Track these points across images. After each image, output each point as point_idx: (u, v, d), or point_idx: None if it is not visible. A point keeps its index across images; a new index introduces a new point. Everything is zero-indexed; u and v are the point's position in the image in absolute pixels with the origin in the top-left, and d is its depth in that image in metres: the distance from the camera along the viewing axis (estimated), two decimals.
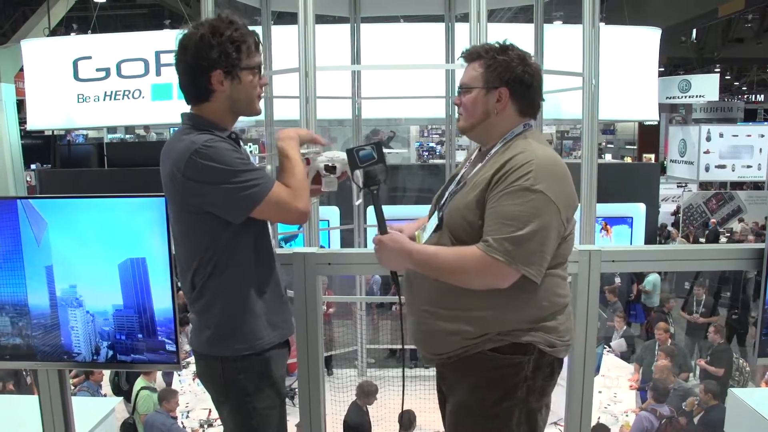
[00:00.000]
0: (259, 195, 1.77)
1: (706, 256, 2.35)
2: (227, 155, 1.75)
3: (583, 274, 2.20)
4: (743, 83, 26.64)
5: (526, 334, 1.76)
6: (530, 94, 1.85)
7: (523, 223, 1.67)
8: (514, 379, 1.77)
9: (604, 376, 6.30)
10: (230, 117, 1.89)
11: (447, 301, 1.79)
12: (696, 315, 7.89)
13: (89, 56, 10.35)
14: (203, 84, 1.81)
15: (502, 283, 1.70)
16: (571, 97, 5.07)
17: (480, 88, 1.83)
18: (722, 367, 6.43)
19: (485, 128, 1.86)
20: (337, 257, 2.29)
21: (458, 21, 6.64)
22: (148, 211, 1.95)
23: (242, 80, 1.82)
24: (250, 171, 1.77)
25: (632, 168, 13.76)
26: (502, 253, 1.66)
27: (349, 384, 5.83)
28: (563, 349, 1.83)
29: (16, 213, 1.98)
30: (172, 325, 2.04)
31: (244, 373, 1.88)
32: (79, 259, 1.99)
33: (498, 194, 1.71)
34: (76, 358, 2.10)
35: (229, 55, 1.78)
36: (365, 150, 1.86)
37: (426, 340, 1.87)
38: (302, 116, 4.83)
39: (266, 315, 1.91)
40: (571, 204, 1.76)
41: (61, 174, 10.80)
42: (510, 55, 1.81)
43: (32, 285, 2.02)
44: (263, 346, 1.90)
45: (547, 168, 1.72)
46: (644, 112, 11.37)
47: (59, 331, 2.06)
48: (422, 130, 18.58)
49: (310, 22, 4.79)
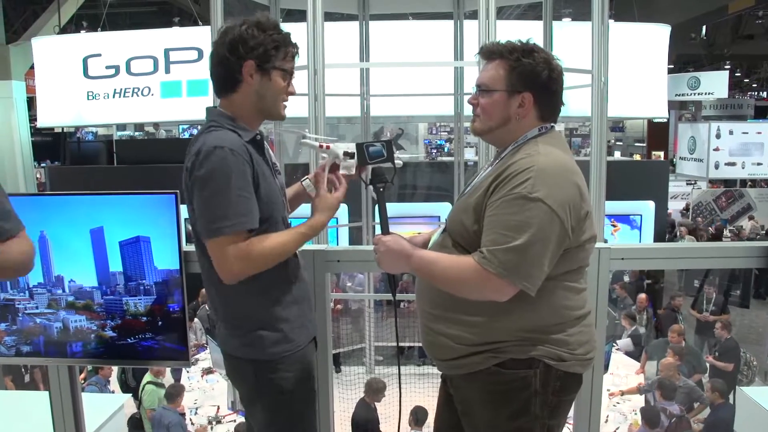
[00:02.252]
0: (214, 232, 1.72)
1: (715, 254, 2.33)
2: (229, 172, 1.71)
3: (592, 272, 2.18)
4: (753, 80, 26.45)
5: (528, 348, 1.69)
6: (554, 100, 1.77)
7: (519, 233, 1.58)
8: (524, 393, 1.70)
9: (612, 374, 6.28)
10: (255, 115, 1.88)
11: (446, 305, 1.75)
12: (706, 313, 7.85)
13: (99, 54, 10.37)
14: (234, 71, 1.81)
15: (499, 296, 1.64)
16: (580, 94, 5.04)
17: (502, 91, 1.73)
18: (731, 362, 6.43)
19: (503, 133, 1.77)
20: (346, 254, 2.29)
21: (467, 18, 6.61)
22: (158, 208, 1.97)
23: (272, 79, 1.83)
24: (233, 204, 1.71)
25: (641, 165, 13.67)
26: (496, 266, 1.59)
27: (358, 381, 5.84)
28: (575, 364, 1.73)
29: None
30: (182, 322, 2.06)
31: (276, 373, 1.88)
32: (86, 255, 2.01)
33: (496, 201, 1.64)
34: (85, 355, 2.12)
35: (266, 50, 1.80)
36: (375, 147, 1.84)
37: (430, 343, 1.83)
38: (311, 114, 4.83)
39: (296, 316, 1.91)
40: (578, 210, 1.65)
41: (70, 171, 10.88)
42: (536, 58, 1.72)
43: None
44: (297, 346, 1.91)
45: (548, 173, 1.62)
46: (653, 110, 11.29)
47: (69, 327, 2.08)
48: (431, 128, 18.53)
49: (319, 20, 4.79)
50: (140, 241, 2.00)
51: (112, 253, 2.01)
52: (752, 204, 13.31)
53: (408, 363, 6.84)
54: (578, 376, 1.77)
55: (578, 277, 1.76)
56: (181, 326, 2.07)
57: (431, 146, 18.33)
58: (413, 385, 5.44)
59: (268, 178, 1.85)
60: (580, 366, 1.75)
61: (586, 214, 1.69)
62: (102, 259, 2.02)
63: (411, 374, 6.15)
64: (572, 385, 1.77)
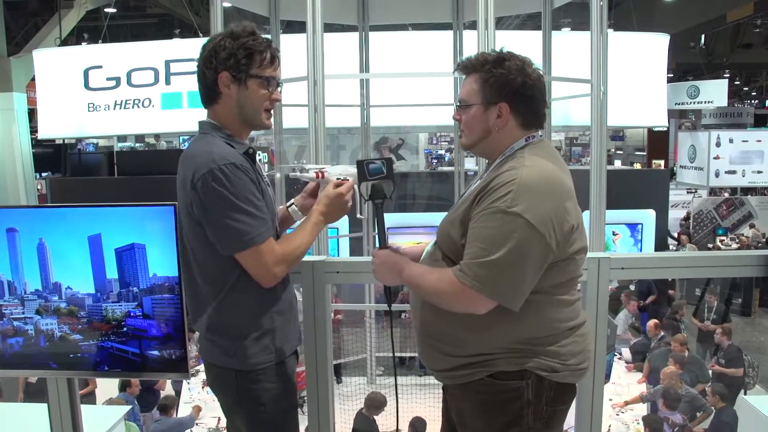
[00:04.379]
0: (246, 243, 1.78)
1: (716, 263, 2.33)
2: (240, 187, 1.76)
3: (592, 282, 2.18)
4: (753, 88, 26.52)
5: (519, 360, 1.69)
6: (533, 106, 1.76)
7: (496, 247, 1.58)
8: (516, 404, 1.70)
9: (615, 384, 6.25)
10: (240, 126, 1.90)
11: (435, 317, 1.77)
12: (707, 322, 7.82)
13: (100, 65, 10.39)
14: (211, 84, 1.85)
15: (477, 309, 1.64)
16: (580, 103, 5.04)
17: (478, 104, 1.76)
18: (740, 367, 6.45)
19: (488, 144, 1.78)
20: (345, 266, 2.29)
21: (466, 29, 6.62)
22: (158, 220, 1.96)
23: (249, 88, 1.84)
24: (252, 215, 1.78)
25: (642, 174, 13.67)
26: (472, 278, 1.60)
27: (359, 392, 5.81)
28: (568, 374, 1.72)
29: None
30: (180, 333, 2.03)
31: (258, 384, 1.89)
32: (84, 267, 1.99)
33: (478, 215, 1.64)
34: (84, 367, 2.08)
35: (238, 60, 1.81)
36: (375, 164, 1.87)
37: (424, 354, 1.85)
38: (311, 125, 4.82)
39: (280, 327, 1.92)
40: (562, 224, 1.63)
41: (71, 182, 10.85)
42: (507, 67, 1.71)
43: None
44: (279, 357, 1.92)
45: (530, 187, 1.61)
46: (653, 118, 11.30)
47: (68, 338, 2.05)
48: (431, 138, 18.55)
49: (319, 31, 4.78)
50: (135, 248, 1.98)
51: (110, 262, 1.99)
52: (753, 212, 13.29)
53: (409, 373, 6.80)
54: (572, 386, 1.77)
55: (569, 289, 1.75)
56: (180, 336, 2.04)
57: (432, 156, 18.34)
58: (414, 396, 5.41)
59: (264, 189, 1.88)
60: (573, 376, 1.75)
61: (573, 227, 1.67)
62: (99, 267, 2.00)
63: (412, 385, 6.10)
64: (566, 395, 1.77)
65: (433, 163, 18.26)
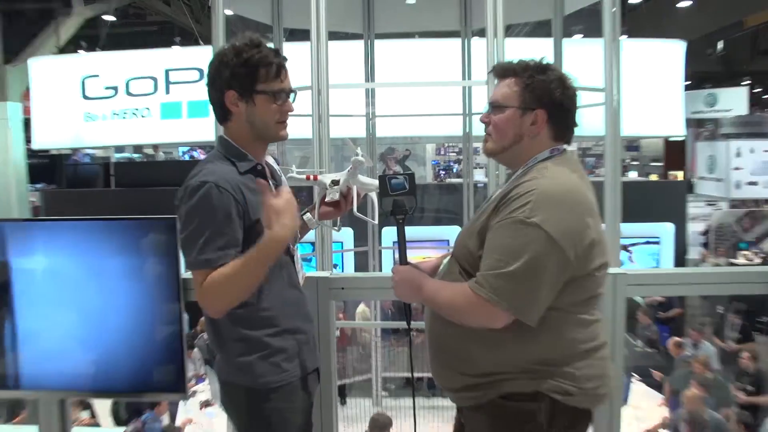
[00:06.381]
0: (194, 265, 1.75)
1: (736, 279, 2.27)
2: (212, 210, 1.72)
3: (608, 299, 2.14)
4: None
5: (533, 381, 1.65)
6: (567, 119, 1.77)
7: (513, 258, 1.56)
8: (528, 427, 1.66)
9: (635, 408, 6.01)
10: (254, 142, 1.87)
11: (448, 334, 1.75)
12: (730, 341, 7.54)
13: (97, 74, 10.39)
14: (219, 103, 1.85)
15: (493, 323, 1.61)
16: (593, 113, 4.87)
17: (515, 108, 1.73)
18: None
19: (515, 152, 1.76)
20: (350, 281, 2.32)
21: (475, 36, 6.52)
22: (156, 233, 1.98)
23: (257, 104, 1.82)
24: (213, 240, 1.71)
25: (658, 186, 13.42)
26: (488, 290, 1.58)
27: (364, 415, 5.66)
28: (584, 399, 1.67)
29: None
30: (179, 352, 2.02)
31: (270, 403, 1.86)
32: (81, 282, 1.99)
33: (495, 225, 1.63)
34: (77, 387, 2.08)
35: (241, 78, 1.79)
36: (398, 179, 1.88)
37: (436, 371, 1.84)
38: (315, 135, 4.71)
39: (293, 346, 1.90)
40: (582, 238, 1.60)
41: (66, 194, 10.67)
42: (549, 76, 1.73)
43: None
44: (292, 377, 1.88)
45: (550, 198, 1.59)
46: (670, 128, 11.18)
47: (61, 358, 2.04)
48: (438, 148, 18.36)
49: (323, 39, 4.69)
50: (133, 263, 1.99)
51: (108, 280, 1.99)
52: None
53: (417, 395, 6.60)
54: (587, 411, 1.73)
55: (588, 308, 1.71)
56: (179, 356, 2.03)
57: (439, 167, 18.13)
58: (422, 418, 5.21)
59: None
60: (589, 401, 1.70)
61: (594, 242, 1.63)
62: (94, 283, 2.00)
63: (420, 407, 5.89)
64: (581, 421, 1.73)
65: (441, 174, 18.05)
